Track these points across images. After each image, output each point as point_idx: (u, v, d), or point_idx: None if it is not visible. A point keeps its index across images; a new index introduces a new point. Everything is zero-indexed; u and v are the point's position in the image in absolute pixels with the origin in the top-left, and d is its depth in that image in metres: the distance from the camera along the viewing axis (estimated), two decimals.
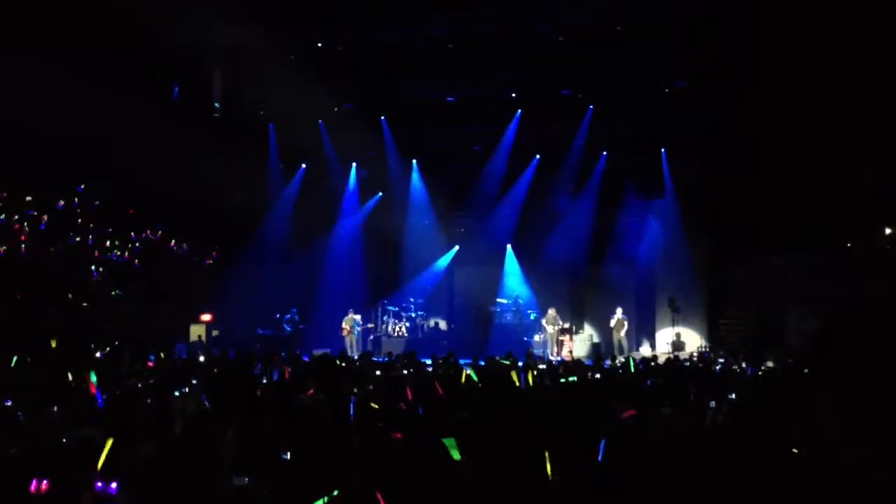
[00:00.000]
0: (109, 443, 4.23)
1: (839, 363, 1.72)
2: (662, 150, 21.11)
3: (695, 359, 15.63)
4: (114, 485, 4.14)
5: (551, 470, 4.28)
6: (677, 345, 19.69)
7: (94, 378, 7.10)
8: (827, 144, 16.86)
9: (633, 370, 7.51)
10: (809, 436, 4.70)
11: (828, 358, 1.75)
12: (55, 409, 6.85)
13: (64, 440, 5.34)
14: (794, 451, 4.83)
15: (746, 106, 17.82)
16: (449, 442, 4.55)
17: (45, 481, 4.16)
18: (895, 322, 1.69)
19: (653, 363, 13.10)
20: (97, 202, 21.12)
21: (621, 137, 20.93)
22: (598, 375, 9.68)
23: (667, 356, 16.31)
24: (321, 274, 22.59)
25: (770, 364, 13.18)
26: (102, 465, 4.37)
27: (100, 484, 4.19)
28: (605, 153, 21.72)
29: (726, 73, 17.95)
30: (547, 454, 4.34)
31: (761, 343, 17.66)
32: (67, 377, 9.08)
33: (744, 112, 17.97)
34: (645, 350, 20.57)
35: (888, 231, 18.78)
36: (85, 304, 19.00)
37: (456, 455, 4.47)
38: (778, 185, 17.72)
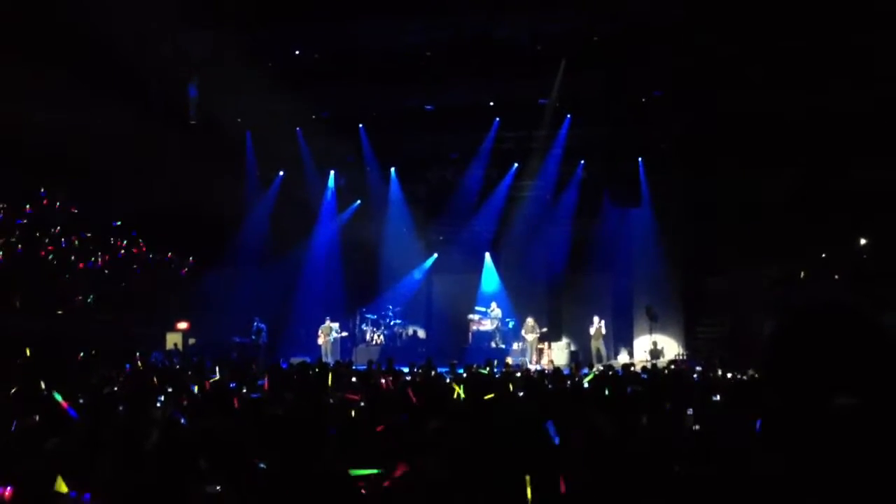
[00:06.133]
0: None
1: (781, 367, 1.80)
2: (639, 158, 21.22)
3: (672, 367, 15.66)
4: (86, 497, 4.07)
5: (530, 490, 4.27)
6: (655, 353, 19.74)
7: (58, 397, 7.00)
8: (802, 154, 17.01)
9: (608, 393, 7.51)
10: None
11: (772, 362, 1.84)
12: (35, 417, 6.74)
13: (35, 449, 5.26)
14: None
15: (722, 115, 17.94)
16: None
17: (8, 489, 4.09)
18: (833, 329, 1.77)
19: (632, 367, 13.16)
20: (72, 209, 20.91)
21: (598, 146, 21.02)
22: (585, 384, 9.63)
23: (644, 364, 16.35)
24: (299, 281, 22.50)
25: (751, 372, 13.24)
26: (75, 475, 4.31)
27: (73, 495, 4.12)
28: (582, 162, 21.82)
29: (702, 82, 18.07)
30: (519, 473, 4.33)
31: (737, 351, 17.76)
32: (40, 386, 8.95)
33: (720, 121, 18.10)
34: (623, 358, 20.62)
35: (863, 241, 18.95)
36: (60, 312, 18.82)
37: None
38: (753, 195, 17.86)
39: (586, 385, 9.28)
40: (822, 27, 15.39)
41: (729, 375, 13.18)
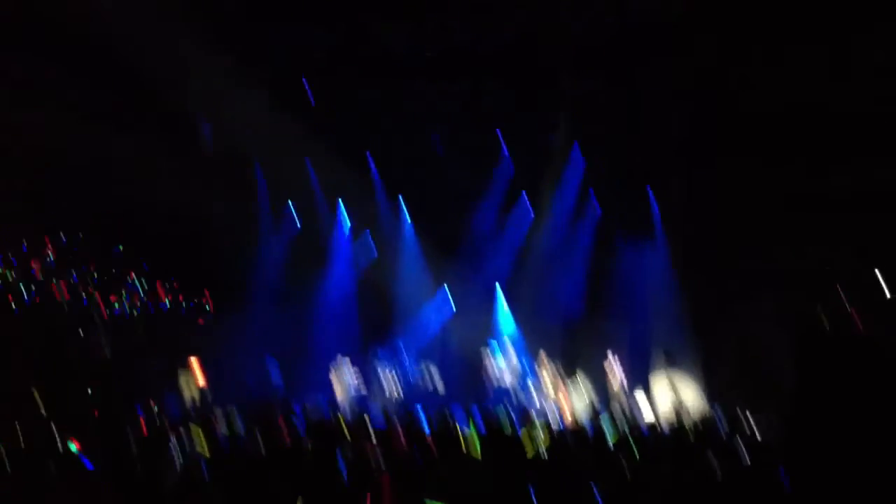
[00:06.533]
0: None
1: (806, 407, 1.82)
2: (647, 186, 21.12)
3: (700, 426, 15.09)
4: None
5: None
6: (677, 403, 18.86)
7: (73, 447, 6.97)
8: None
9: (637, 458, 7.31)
10: None
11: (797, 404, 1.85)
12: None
13: None
14: None
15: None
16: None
17: None
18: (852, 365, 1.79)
19: (657, 429, 12.91)
20: (79, 246, 20.84)
21: (607, 177, 20.99)
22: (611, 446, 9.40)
23: (669, 420, 15.69)
24: (313, 320, 22.36)
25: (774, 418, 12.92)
26: None
27: None
28: (593, 195, 21.78)
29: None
30: None
31: (757, 388, 17.45)
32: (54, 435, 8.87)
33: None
34: (639, 396, 20.04)
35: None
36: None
37: None
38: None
39: (612, 447, 9.09)
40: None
41: (749, 415, 12.94)
